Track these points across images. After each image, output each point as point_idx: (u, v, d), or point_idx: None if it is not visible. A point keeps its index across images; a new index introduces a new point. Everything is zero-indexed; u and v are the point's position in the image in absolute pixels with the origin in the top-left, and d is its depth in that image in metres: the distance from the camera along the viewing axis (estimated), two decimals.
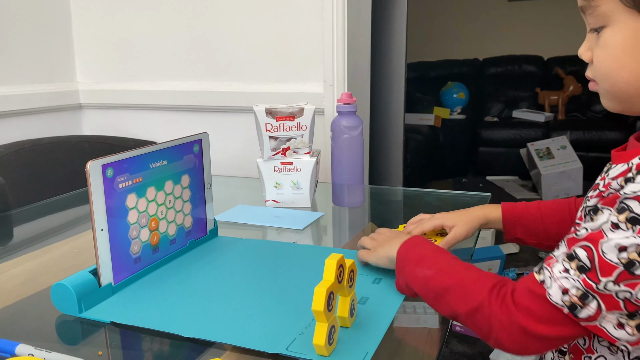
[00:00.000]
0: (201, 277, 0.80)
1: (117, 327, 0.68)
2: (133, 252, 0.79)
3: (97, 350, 0.64)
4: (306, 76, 1.52)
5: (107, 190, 0.73)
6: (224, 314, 0.68)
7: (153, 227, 0.82)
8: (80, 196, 1.33)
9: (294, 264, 0.85)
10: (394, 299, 0.72)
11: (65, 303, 0.70)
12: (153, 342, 0.65)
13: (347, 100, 1.11)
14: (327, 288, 0.57)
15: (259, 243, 0.96)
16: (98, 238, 0.72)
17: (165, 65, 1.70)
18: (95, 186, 0.71)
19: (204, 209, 0.94)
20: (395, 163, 2.44)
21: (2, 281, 0.84)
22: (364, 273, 0.80)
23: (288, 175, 1.17)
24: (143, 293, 0.75)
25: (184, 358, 0.62)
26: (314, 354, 0.58)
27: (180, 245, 0.89)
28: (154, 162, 0.81)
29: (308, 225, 1.06)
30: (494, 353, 1.80)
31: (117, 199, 0.74)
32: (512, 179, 4.04)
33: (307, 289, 0.74)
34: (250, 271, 0.83)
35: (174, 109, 1.71)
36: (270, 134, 1.14)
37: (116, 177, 0.74)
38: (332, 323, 0.58)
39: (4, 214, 1.20)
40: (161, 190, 0.83)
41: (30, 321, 0.73)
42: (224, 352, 0.61)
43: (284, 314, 0.68)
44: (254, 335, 0.63)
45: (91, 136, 1.74)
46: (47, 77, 1.72)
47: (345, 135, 1.12)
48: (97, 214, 0.71)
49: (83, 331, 0.69)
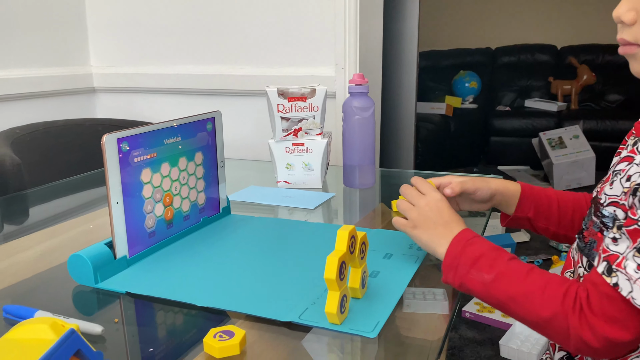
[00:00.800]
0: (214, 251, 0.82)
1: (132, 297, 0.69)
2: (148, 226, 0.80)
3: (112, 318, 0.65)
4: (318, 59, 1.52)
5: (123, 164, 0.74)
6: (237, 285, 0.70)
7: (167, 203, 0.83)
8: (94, 178, 1.35)
9: (305, 240, 0.86)
10: (405, 272, 0.72)
11: (82, 274, 0.72)
12: (167, 312, 0.66)
13: (359, 81, 1.11)
14: (339, 257, 0.58)
15: (271, 221, 0.97)
16: (114, 211, 0.73)
17: (178, 48, 1.71)
18: (111, 159, 0.72)
19: (216, 187, 0.95)
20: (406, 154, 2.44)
21: (19, 256, 0.86)
22: (375, 249, 0.80)
23: (299, 156, 1.17)
24: (158, 265, 0.76)
25: (198, 327, 0.63)
26: (325, 322, 0.59)
27: (194, 222, 0.90)
28: (168, 138, 0.82)
29: (319, 205, 1.07)
30: (503, 339, 1.80)
31: (132, 173, 0.76)
32: (523, 168, 4.02)
33: (318, 262, 0.75)
34: (263, 246, 0.84)
35: (187, 92, 1.72)
36: (282, 115, 1.15)
37: (131, 152, 0.75)
38: (343, 292, 0.59)
39: (20, 193, 1.22)
40: (175, 167, 0.84)
41: (47, 292, 0.74)
42: (237, 321, 0.62)
43: (296, 286, 0.69)
44: (266, 304, 0.64)
45: (104, 119, 1.75)
46: (61, 60, 1.73)
47: (356, 116, 1.12)
48: (112, 187, 0.72)
49: (99, 301, 0.70)
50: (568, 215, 0.82)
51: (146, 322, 0.65)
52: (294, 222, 0.97)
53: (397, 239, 0.84)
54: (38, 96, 1.64)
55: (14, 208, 1.17)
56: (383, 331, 0.59)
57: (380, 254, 0.79)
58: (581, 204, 0.82)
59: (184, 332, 0.62)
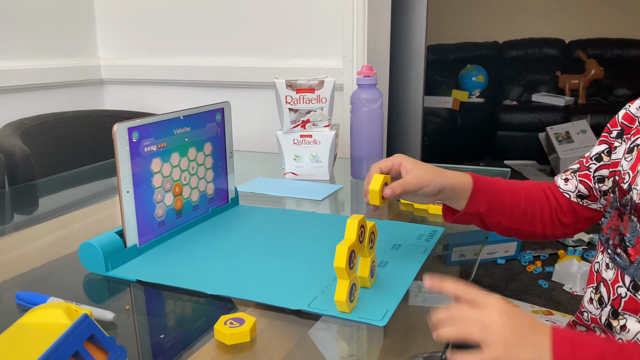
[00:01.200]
0: (224, 240, 0.82)
1: (142, 284, 0.70)
2: (157, 215, 0.80)
3: (123, 305, 0.66)
4: (326, 51, 1.52)
5: (133, 154, 0.74)
6: (246, 274, 0.70)
7: (177, 192, 0.84)
8: (103, 169, 1.35)
9: (314, 230, 0.86)
10: (413, 263, 0.73)
11: (92, 262, 0.72)
12: (177, 299, 0.67)
13: (367, 73, 1.11)
14: (349, 246, 0.58)
15: (280, 212, 0.97)
16: (124, 200, 0.74)
17: (186, 40, 1.71)
18: (122, 149, 0.72)
19: (225, 178, 0.96)
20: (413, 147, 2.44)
21: (29, 245, 0.87)
22: (383, 239, 0.80)
23: (307, 148, 1.18)
24: (167, 254, 0.77)
25: (208, 314, 0.64)
26: (335, 311, 0.60)
27: (203, 212, 0.91)
28: (178, 128, 0.83)
29: (327, 197, 1.08)
30: None
31: (142, 162, 0.76)
32: (530, 163, 4.01)
33: (327, 252, 0.75)
34: (272, 236, 0.84)
35: (195, 84, 1.72)
36: (290, 107, 1.15)
37: (141, 141, 0.76)
38: (353, 281, 0.60)
39: (30, 183, 1.23)
40: (185, 157, 0.85)
41: (58, 280, 0.75)
42: (246, 309, 0.63)
43: (305, 275, 0.69)
44: (276, 293, 0.64)
45: (113, 111, 1.76)
46: (69, 52, 1.74)
47: (364, 107, 1.12)
48: (123, 176, 0.73)
49: (109, 289, 0.71)
50: (520, 207, 0.75)
51: (156, 309, 0.66)
52: (302, 212, 0.97)
53: (405, 230, 0.85)
54: (47, 87, 1.65)
55: (23, 198, 1.17)
56: (392, 320, 0.59)
57: (388, 244, 0.79)
58: (531, 194, 0.77)
59: (194, 320, 0.62)
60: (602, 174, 0.73)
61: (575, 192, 0.75)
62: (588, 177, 0.74)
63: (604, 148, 0.73)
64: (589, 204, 0.75)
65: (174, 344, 0.56)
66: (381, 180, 0.69)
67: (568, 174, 0.77)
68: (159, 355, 0.55)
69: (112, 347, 0.48)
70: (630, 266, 0.62)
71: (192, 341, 0.57)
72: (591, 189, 0.74)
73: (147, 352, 0.56)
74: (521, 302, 2.05)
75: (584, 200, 0.75)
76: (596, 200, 0.74)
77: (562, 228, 0.78)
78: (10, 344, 0.46)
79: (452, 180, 0.71)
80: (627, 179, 0.65)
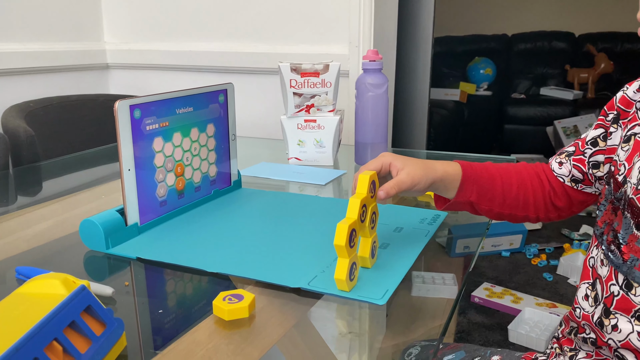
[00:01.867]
0: (225, 221, 0.82)
1: (142, 262, 0.69)
2: (159, 195, 0.80)
3: (123, 282, 0.65)
4: (331, 37, 1.51)
5: (135, 132, 0.74)
6: (247, 253, 0.70)
7: (179, 173, 0.83)
8: (106, 152, 1.35)
9: (316, 212, 0.86)
10: (415, 245, 0.72)
11: (93, 239, 0.72)
12: (177, 277, 0.66)
13: (373, 57, 1.10)
14: (350, 224, 0.57)
15: (282, 195, 0.97)
16: (125, 178, 0.73)
17: (192, 26, 1.70)
18: (123, 126, 0.72)
19: (228, 160, 0.95)
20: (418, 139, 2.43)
21: (31, 225, 0.87)
22: (385, 222, 0.80)
23: (311, 133, 1.17)
24: (169, 233, 0.77)
25: (207, 292, 0.64)
26: (334, 289, 0.59)
27: (205, 193, 0.90)
28: (181, 108, 0.82)
29: (330, 182, 1.07)
30: (512, 324, 1.80)
31: (144, 141, 0.76)
32: (537, 157, 3.98)
33: (329, 234, 0.75)
34: (274, 217, 0.84)
35: (200, 69, 1.71)
36: (295, 91, 1.14)
37: (143, 119, 0.75)
38: (353, 260, 0.59)
39: (34, 165, 1.23)
40: (187, 137, 0.84)
41: (59, 257, 0.75)
42: (246, 287, 0.62)
43: (305, 254, 0.69)
44: (276, 271, 0.64)
45: (118, 95, 1.76)
46: (75, 36, 1.74)
47: (370, 92, 1.11)
48: (124, 154, 0.72)
49: (110, 266, 0.71)
50: (512, 193, 0.74)
51: (156, 286, 0.66)
52: (306, 196, 0.97)
53: (407, 214, 0.84)
54: (52, 71, 1.65)
55: (27, 179, 1.18)
56: (392, 300, 0.59)
57: (390, 227, 0.78)
58: (523, 177, 0.75)
59: (193, 297, 0.62)
60: (597, 160, 0.71)
61: (569, 176, 0.74)
62: (582, 162, 0.72)
63: (600, 132, 0.71)
64: (584, 188, 0.74)
65: (173, 319, 0.56)
66: (367, 180, 0.63)
67: (563, 157, 0.75)
68: (157, 329, 0.55)
69: (109, 319, 0.48)
70: (623, 264, 0.60)
71: (191, 317, 0.56)
72: (585, 174, 0.72)
73: (145, 326, 0.55)
74: (525, 294, 2.04)
75: (578, 184, 0.74)
76: (591, 184, 0.73)
77: (556, 211, 0.76)
78: (7, 313, 0.46)
79: (442, 172, 0.70)
80: (622, 171, 0.63)
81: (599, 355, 0.66)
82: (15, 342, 0.39)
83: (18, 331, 0.41)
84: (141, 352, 0.51)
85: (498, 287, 2.11)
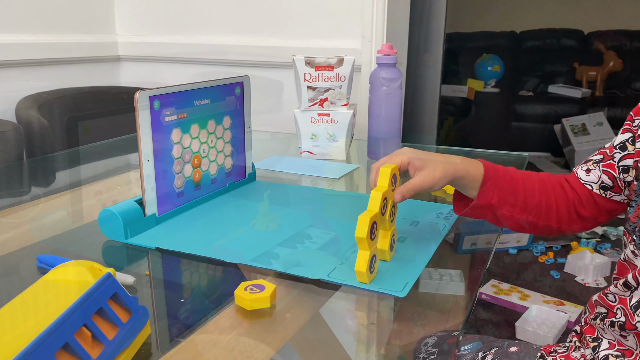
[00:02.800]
0: (242, 212, 0.82)
1: (161, 252, 0.70)
2: (177, 186, 0.80)
3: (142, 272, 0.66)
4: (345, 32, 1.51)
5: (154, 122, 0.74)
6: (265, 244, 0.70)
7: (196, 164, 0.84)
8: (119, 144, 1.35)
9: (333, 205, 0.86)
10: (431, 239, 0.72)
11: (112, 229, 0.73)
12: (196, 267, 0.67)
13: (388, 52, 1.10)
14: (371, 217, 0.58)
15: (298, 188, 0.97)
16: (144, 168, 0.74)
17: (204, 19, 1.71)
18: (143, 117, 0.72)
19: (243, 153, 0.96)
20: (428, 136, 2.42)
21: (48, 215, 0.87)
22: (402, 216, 0.80)
23: (324, 127, 1.17)
24: (187, 224, 0.77)
25: (227, 282, 0.64)
26: (354, 281, 0.59)
27: (221, 185, 0.91)
28: (198, 100, 0.82)
29: (343, 176, 1.07)
30: (519, 321, 1.80)
31: (162, 132, 0.76)
32: (544, 155, 3.97)
33: (347, 226, 0.75)
34: (290, 210, 0.84)
35: (212, 63, 1.72)
36: (309, 84, 1.14)
37: (162, 110, 0.75)
38: (373, 252, 0.59)
39: (47, 156, 1.24)
40: (204, 129, 0.84)
41: (78, 246, 0.75)
42: (265, 278, 0.63)
43: (324, 246, 0.69)
44: (295, 262, 0.64)
45: (130, 87, 1.76)
46: (87, 28, 1.74)
47: (384, 87, 1.11)
48: (144, 145, 0.73)
49: (128, 255, 0.71)
50: (535, 199, 0.72)
51: (176, 275, 0.66)
52: (320, 189, 0.97)
53: (424, 208, 0.84)
54: (65, 62, 1.66)
55: (41, 170, 1.18)
56: (411, 292, 0.59)
57: (407, 221, 0.79)
58: (546, 185, 0.74)
59: (213, 286, 0.62)
60: (626, 164, 0.70)
61: (599, 183, 0.72)
62: (612, 167, 0.71)
63: (628, 137, 0.71)
64: (613, 196, 0.72)
65: (195, 307, 0.57)
66: (389, 173, 0.63)
67: (590, 164, 0.74)
68: (179, 317, 0.55)
69: (134, 306, 0.48)
70: None
71: (212, 306, 0.57)
72: (615, 180, 0.71)
73: (168, 314, 0.56)
74: (532, 291, 2.04)
75: (607, 191, 0.72)
76: (620, 191, 0.72)
77: (580, 221, 0.74)
78: (35, 299, 0.46)
79: (463, 171, 0.68)
80: None
81: (621, 345, 0.67)
82: (45, 327, 0.39)
83: (47, 317, 0.42)
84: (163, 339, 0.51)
85: (505, 284, 2.11)
